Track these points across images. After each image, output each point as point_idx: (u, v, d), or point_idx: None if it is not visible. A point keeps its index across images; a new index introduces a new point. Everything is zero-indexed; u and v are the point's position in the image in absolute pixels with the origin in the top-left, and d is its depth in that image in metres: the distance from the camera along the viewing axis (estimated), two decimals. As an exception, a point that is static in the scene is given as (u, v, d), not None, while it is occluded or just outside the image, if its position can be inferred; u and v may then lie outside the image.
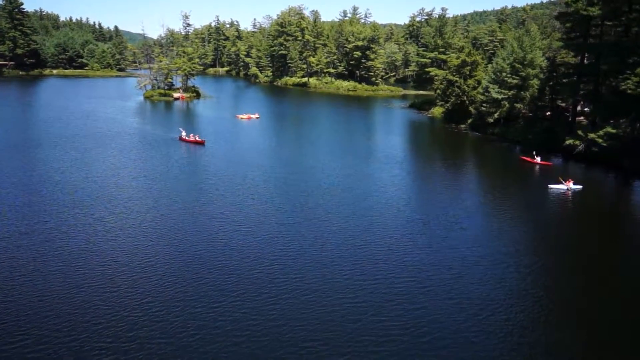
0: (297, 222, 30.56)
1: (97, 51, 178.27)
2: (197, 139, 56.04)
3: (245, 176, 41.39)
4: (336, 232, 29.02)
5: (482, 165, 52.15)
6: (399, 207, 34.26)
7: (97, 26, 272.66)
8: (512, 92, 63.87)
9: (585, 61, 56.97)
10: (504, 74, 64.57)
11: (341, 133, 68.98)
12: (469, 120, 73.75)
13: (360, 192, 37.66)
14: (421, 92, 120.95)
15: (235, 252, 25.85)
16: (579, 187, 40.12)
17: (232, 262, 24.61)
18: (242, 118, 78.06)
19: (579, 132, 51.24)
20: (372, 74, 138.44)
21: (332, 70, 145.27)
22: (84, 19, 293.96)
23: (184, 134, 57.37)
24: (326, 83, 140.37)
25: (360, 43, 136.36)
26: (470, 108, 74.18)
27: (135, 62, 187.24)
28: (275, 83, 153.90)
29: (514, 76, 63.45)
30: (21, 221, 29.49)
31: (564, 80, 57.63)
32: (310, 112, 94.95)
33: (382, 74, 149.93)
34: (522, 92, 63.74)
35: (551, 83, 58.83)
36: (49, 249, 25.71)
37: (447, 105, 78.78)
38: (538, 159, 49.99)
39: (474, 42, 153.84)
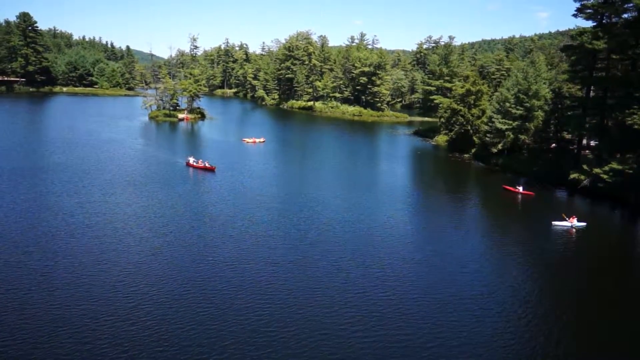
0: (294, 261, 29.06)
1: (107, 70, 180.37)
2: (207, 165, 53.66)
3: (252, 209, 39.46)
4: (333, 275, 27.35)
5: (485, 199, 51.02)
6: (400, 247, 32.46)
7: (109, 45, 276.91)
8: (516, 122, 63.16)
9: (591, 94, 56.29)
10: (508, 104, 64.02)
11: (345, 161, 68.33)
12: (473, 150, 73.01)
13: (361, 228, 36.10)
14: (427, 119, 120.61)
15: (228, 296, 24.60)
16: (583, 224, 39.01)
17: (224, 307, 23.25)
18: (247, 142, 77.71)
19: (584, 166, 50.27)
20: (377, 99, 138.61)
21: (338, 95, 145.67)
22: (97, 38, 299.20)
23: (192, 159, 55.33)
24: (332, 107, 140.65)
25: (366, 69, 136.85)
26: (474, 137, 73.55)
27: (142, 83, 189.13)
28: (281, 106, 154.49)
29: (518, 107, 62.85)
30: (6, 251, 28.68)
31: (569, 113, 56.93)
32: (316, 137, 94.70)
33: (388, 99, 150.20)
34: (526, 123, 63.03)
35: (556, 115, 58.13)
36: (30, 284, 24.69)
37: (451, 133, 78.26)
38: (520, 189, 50.09)
39: (480, 70, 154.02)
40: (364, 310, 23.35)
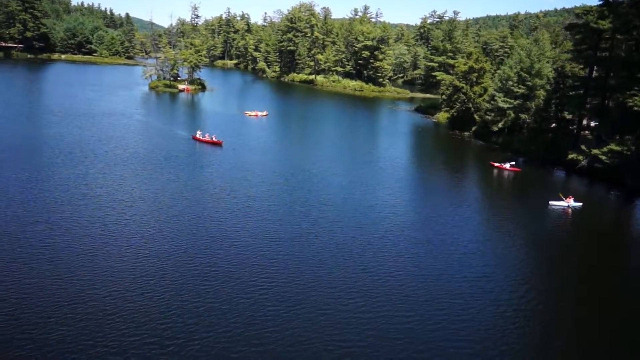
0: (296, 238, 29.09)
1: (106, 38, 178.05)
2: (214, 139, 53.27)
3: (258, 184, 39.18)
4: (335, 252, 27.22)
5: (483, 178, 51.00)
6: (400, 225, 32.50)
7: (108, 12, 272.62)
8: (517, 101, 63.07)
9: (593, 74, 56.08)
10: (510, 82, 63.79)
11: (348, 137, 68.26)
12: (473, 128, 73.03)
13: (362, 205, 35.99)
14: (428, 95, 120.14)
15: (231, 271, 25.03)
16: (579, 204, 39.46)
17: (227, 282, 23.61)
18: (250, 115, 77.28)
19: (583, 147, 50.50)
20: (379, 74, 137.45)
21: (339, 69, 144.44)
22: (96, 5, 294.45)
23: (199, 133, 54.88)
24: (333, 81, 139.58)
25: (369, 43, 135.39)
26: (475, 115, 73.48)
27: (142, 52, 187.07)
28: (282, 79, 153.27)
29: (520, 85, 62.64)
30: (8, 223, 28.92)
31: (571, 93, 56.79)
32: (318, 111, 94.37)
33: (390, 74, 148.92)
34: (527, 103, 62.97)
35: (558, 95, 57.98)
36: (33, 255, 25.09)
37: (452, 111, 78.08)
38: (507, 165, 51.23)
39: (484, 47, 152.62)
40: (365, 288, 23.47)
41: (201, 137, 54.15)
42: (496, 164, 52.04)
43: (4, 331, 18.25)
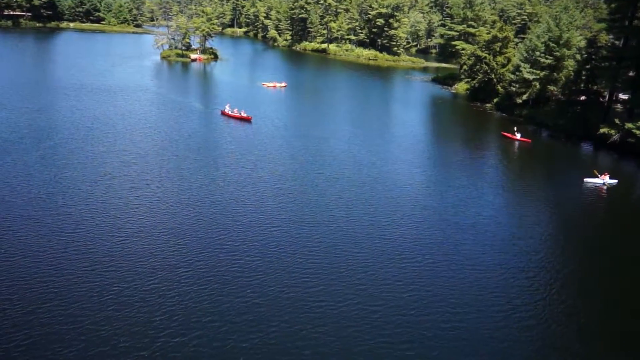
0: (331, 222, 27.80)
1: (114, 5, 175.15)
2: (243, 114, 51.74)
3: (287, 164, 37.73)
4: (374, 240, 25.73)
5: (510, 152, 49.44)
6: (439, 208, 30.97)
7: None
8: (544, 72, 61.09)
9: (628, 45, 53.92)
10: (537, 52, 61.64)
11: (369, 108, 66.61)
12: (495, 100, 71.13)
13: (396, 185, 34.48)
14: (444, 65, 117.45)
15: (265, 253, 24.54)
16: (615, 181, 38.24)
17: (257, 266, 23.21)
18: (268, 86, 75.37)
19: (616, 120, 48.89)
20: (394, 43, 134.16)
21: (353, 38, 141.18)
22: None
23: (227, 108, 53.42)
24: (346, 50, 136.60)
25: (383, 10, 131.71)
26: (498, 87, 71.48)
27: (152, 20, 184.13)
28: (293, 47, 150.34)
29: (547, 56, 60.56)
30: (34, 202, 28.46)
31: (603, 64, 54.68)
32: (334, 82, 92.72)
33: (404, 43, 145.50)
34: (555, 74, 60.99)
35: (588, 66, 55.85)
36: (70, 248, 24.64)
37: (473, 82, 75.96)
38: (518, 136, 51.03)
39: (501, 14, 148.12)
40: (417, 281, 22.12)
41: (230, 113, 52.57)
42: (507, 134, 52.05)
43: (43, 321, 17.61)
